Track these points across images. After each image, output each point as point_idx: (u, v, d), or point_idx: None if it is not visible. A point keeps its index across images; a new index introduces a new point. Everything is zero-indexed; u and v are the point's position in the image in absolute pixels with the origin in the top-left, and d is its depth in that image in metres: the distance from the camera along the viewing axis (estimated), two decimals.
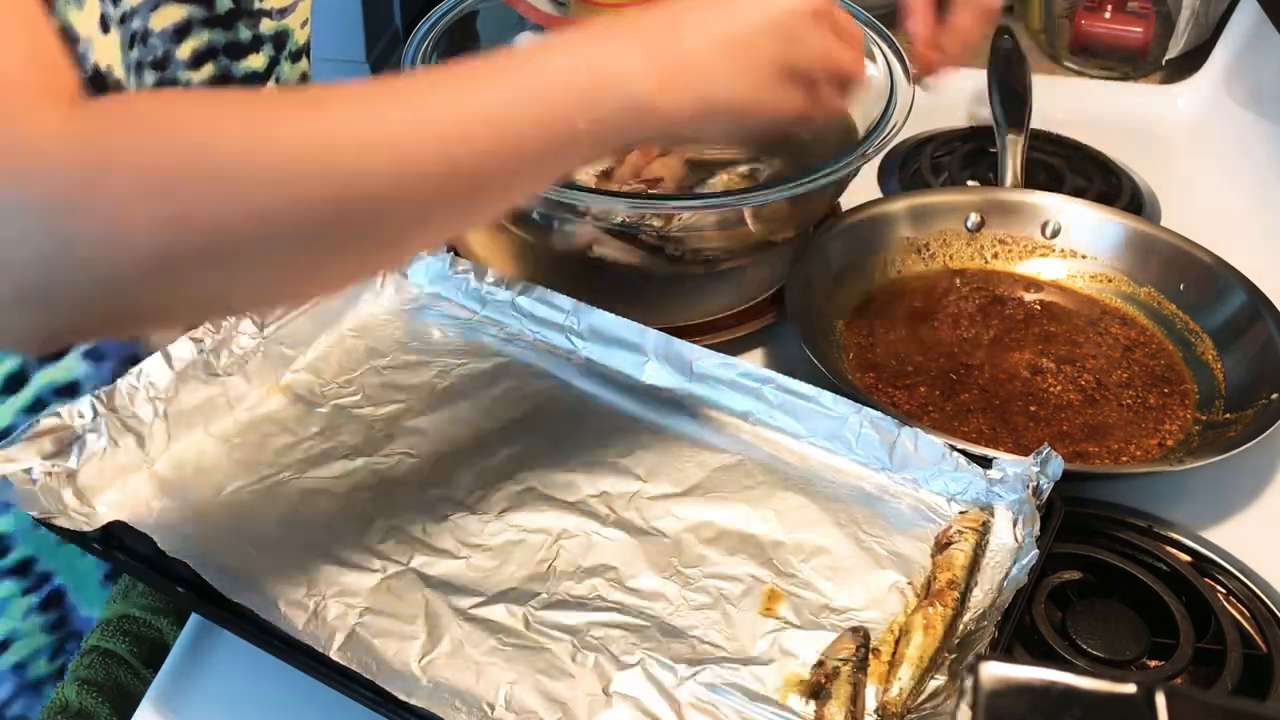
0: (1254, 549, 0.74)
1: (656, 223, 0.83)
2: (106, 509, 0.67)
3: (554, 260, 0.90)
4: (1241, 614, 0.70)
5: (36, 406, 0.74)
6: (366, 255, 0.54)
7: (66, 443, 0.67)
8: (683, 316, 0.87)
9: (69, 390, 0.75)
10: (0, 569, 0.77)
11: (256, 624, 0.59)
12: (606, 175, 0.92)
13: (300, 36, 0.85)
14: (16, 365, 0.73)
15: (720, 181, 0.92)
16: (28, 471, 0.65)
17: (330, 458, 0.73)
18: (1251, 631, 0.69)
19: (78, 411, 0.68)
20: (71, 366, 0.75)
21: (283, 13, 0.82)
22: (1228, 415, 0.82)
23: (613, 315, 0.80)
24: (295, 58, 0.86)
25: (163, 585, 0.62)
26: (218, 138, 0.47)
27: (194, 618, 0.68)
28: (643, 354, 0.79)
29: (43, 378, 0.75)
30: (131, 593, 0.73)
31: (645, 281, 0.89)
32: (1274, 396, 0.79)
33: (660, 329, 0.79)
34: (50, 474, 0.65)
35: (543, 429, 0.76)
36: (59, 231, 0.45)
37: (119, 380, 0.70)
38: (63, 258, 0.45)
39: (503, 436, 0.75)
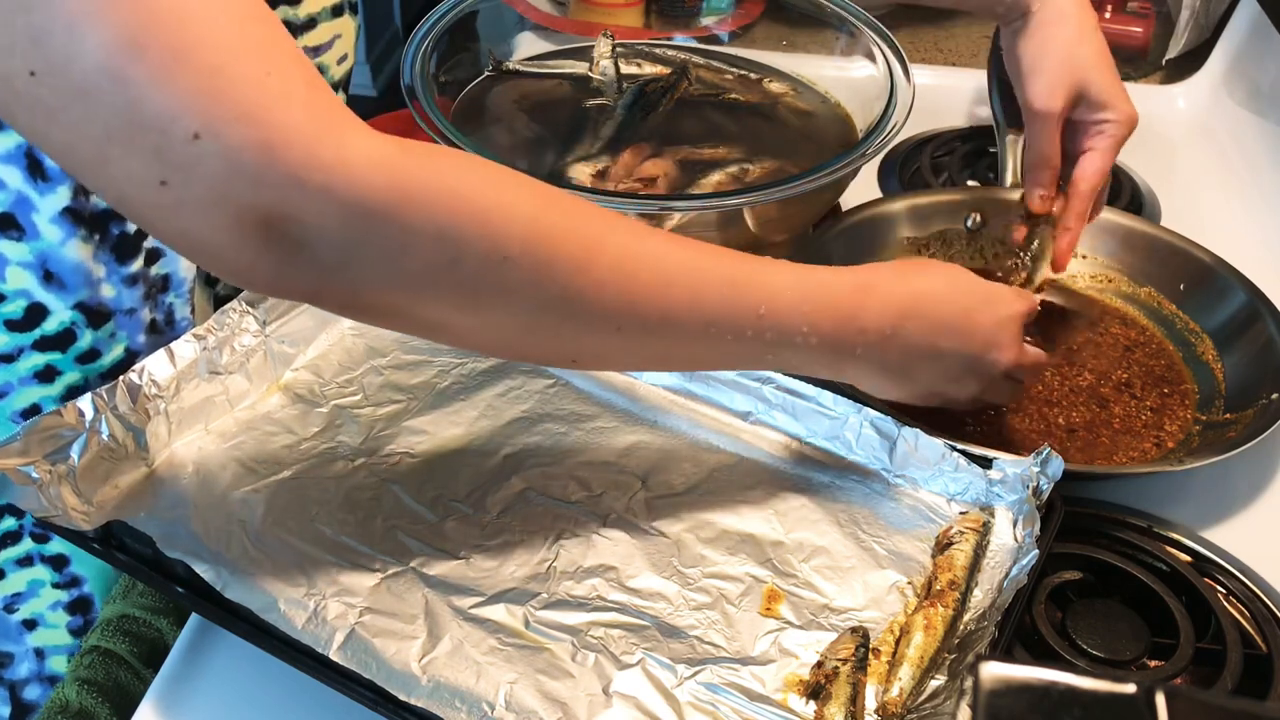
0: (1254, 549, 0.74)
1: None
2: (106, 508, 0.67)
3: None
4: (1241, 614, 0.70)
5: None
6: (569, 345, 0.60)
7: (67, 441, 0.67)
8: None
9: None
10: (36, 553, 0.78)
11: (256, 624, 0.59)
12: (601, 175, 0.92)
13: (337, 73, 0.85)
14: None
15: (712, 182, 0.92)
16: (27, 470, 0.64)
17: (330, 458, 0.73)
18: (1251, 631, 0.69)
19: (78, 409, 0.68)
20: None
21: (317, 50, 0.82)
22: (1228, 415, 0.82)
23: None
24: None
25: (163, 585, 0.62)
26: (503, 209, 0.55)
27: (194, 618, 0.68)
28: None
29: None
30: (131, 593, 0.73)
31: None
32: (1274, 396, 0.79)
33: None
34: (50, 472, 0.65)
35: (542, 429, 0.76)
36: (352, 236, 0.51)
37: (120, 377, 0.70)
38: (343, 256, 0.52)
39: (502, 436, 0.75)
